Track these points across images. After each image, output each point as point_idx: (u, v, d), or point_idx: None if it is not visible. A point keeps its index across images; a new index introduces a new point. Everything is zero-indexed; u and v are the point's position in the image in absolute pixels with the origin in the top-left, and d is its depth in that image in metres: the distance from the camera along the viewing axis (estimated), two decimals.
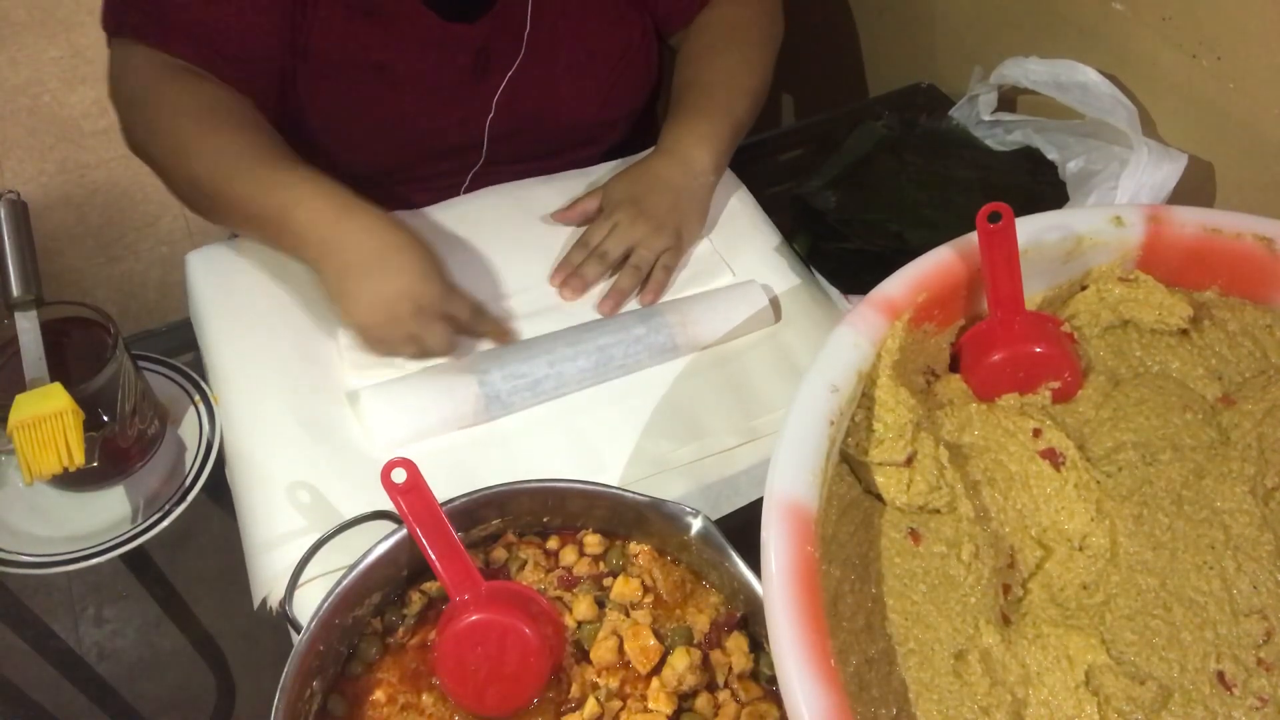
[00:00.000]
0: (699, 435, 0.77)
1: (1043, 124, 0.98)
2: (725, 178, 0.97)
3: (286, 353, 0.81)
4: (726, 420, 0.78)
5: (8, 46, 2.37)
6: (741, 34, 0.98)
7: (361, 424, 0.77)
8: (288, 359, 0.80)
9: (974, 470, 0.64)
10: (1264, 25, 0.80)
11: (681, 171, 0.89)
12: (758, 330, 0.85)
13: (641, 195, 0.88)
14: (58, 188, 2.09)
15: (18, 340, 0.70)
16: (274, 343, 0.81)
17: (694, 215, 0.90)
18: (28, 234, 0.73)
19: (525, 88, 0.93)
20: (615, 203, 0.89)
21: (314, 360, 0.80)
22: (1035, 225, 0.68)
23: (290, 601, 0.63)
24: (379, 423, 0.76)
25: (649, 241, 0.86)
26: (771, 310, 0.85)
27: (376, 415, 0.76)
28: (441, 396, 0.77)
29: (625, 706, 0.60)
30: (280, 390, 0.78)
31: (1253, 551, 0.61)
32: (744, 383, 0.81)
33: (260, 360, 0.80)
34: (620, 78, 0.98)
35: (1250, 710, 0.56)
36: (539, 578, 0.65)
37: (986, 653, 0.56)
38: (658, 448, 0.77)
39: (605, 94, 0.98)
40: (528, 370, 0.78)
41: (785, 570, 0.51)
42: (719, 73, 0.95)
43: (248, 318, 0.83)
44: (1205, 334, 0.71)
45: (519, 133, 0.96)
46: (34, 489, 0.76)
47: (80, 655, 0.71)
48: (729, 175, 0.97)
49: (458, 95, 0.92)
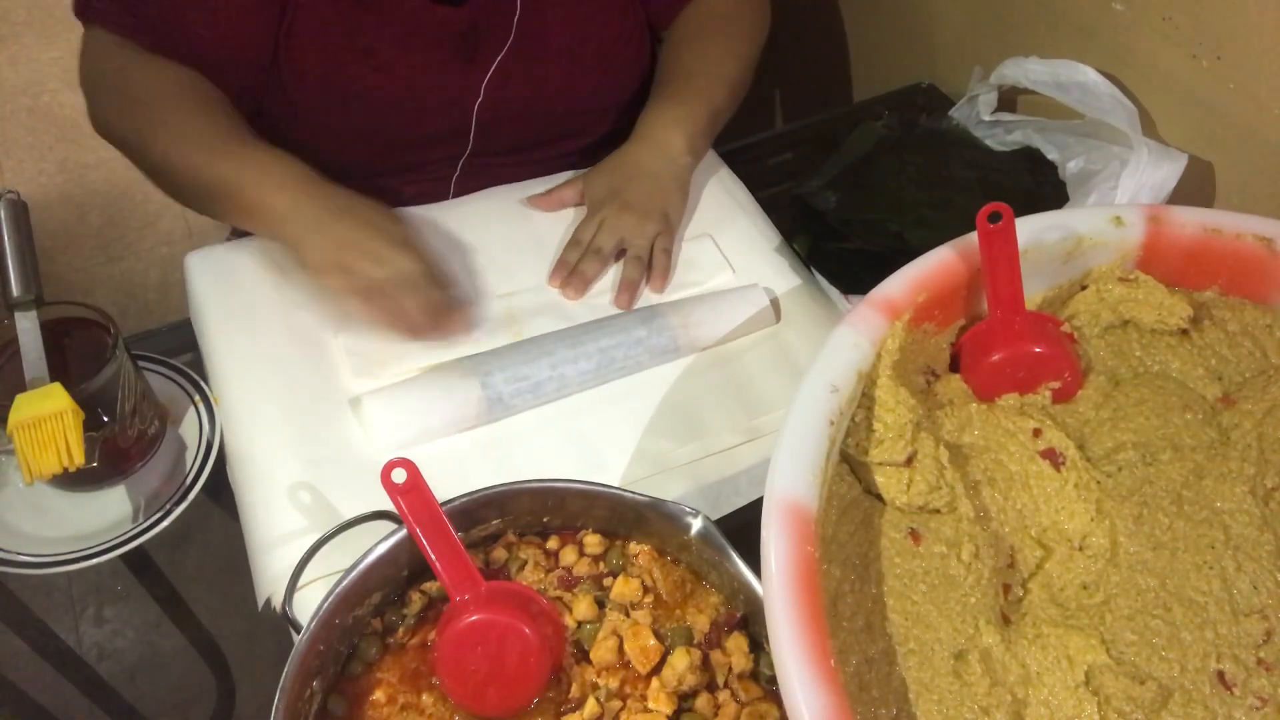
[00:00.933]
0: (699, 435, 0.77)
1: (1043, 124, 0.98)
2: (725, 178, 0.97)
3: (286, 353, 0.81)
4: (727, 420, 0.78)
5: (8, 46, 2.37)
6: (726, 25, 1.00)
7: (363, 428, 0.77)
8: (287, 360, 0.80)
9: (974, 470, 0.64)
10: (1264, 25, 0.80)
11: (657, 156, 0.91)
12: (758, 331, 0.85)
13: (621, 187, 0.90)
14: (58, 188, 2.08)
15: (18, 340, 0.70)
16: (274, 344, 0.81)
17: (675, 196, 0.91)
18: (28, 234, 0.73)
19: (514, 73, 0.93)
20: (598, 199, 0.90)
21: (314, 361, 0.80)
22: (1035, 225, 0.68)
23: (290, 601, 0.63)
24: (381, 426, 0.76)
25: (639, 229, 0.88)
26: (773, 311, 0.85)
27: (378, 419, 0.76)
28: (443, 399, 0.76)
29: (625, 706, 0.60)
30: (280, 391, 0.78)
31: (1253, 551, 0.61)
32: (744, 383, 0.81)
33: (260, 361, 0.80)
34: (610, 66, 0.98)
35: (1250, 710, 0.56)
36: (539, 578, 0.65)
37: (986, 653, 0.56)
38: (658, 447, 0.77)
39: (595, 82, 0.98)
40: (530, 372, 0.78)
41: (785, 570, 0.51)
42: (699, 60, 0.97)
43: (248, 318, 0.83)
44: (1205, 334, 0.71)
45: (507, 119, 0.96)
46: (34, 489, 0.76)
47: (80, 655, 0.71)
48: (729, 175, 0.98)
49: (445, 78, 0.92)
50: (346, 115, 0.91)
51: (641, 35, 1.00)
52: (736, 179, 0.98)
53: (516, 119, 0.96)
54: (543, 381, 0.78)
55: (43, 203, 2.04)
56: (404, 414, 0.76)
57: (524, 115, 0.97)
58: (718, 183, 0.97)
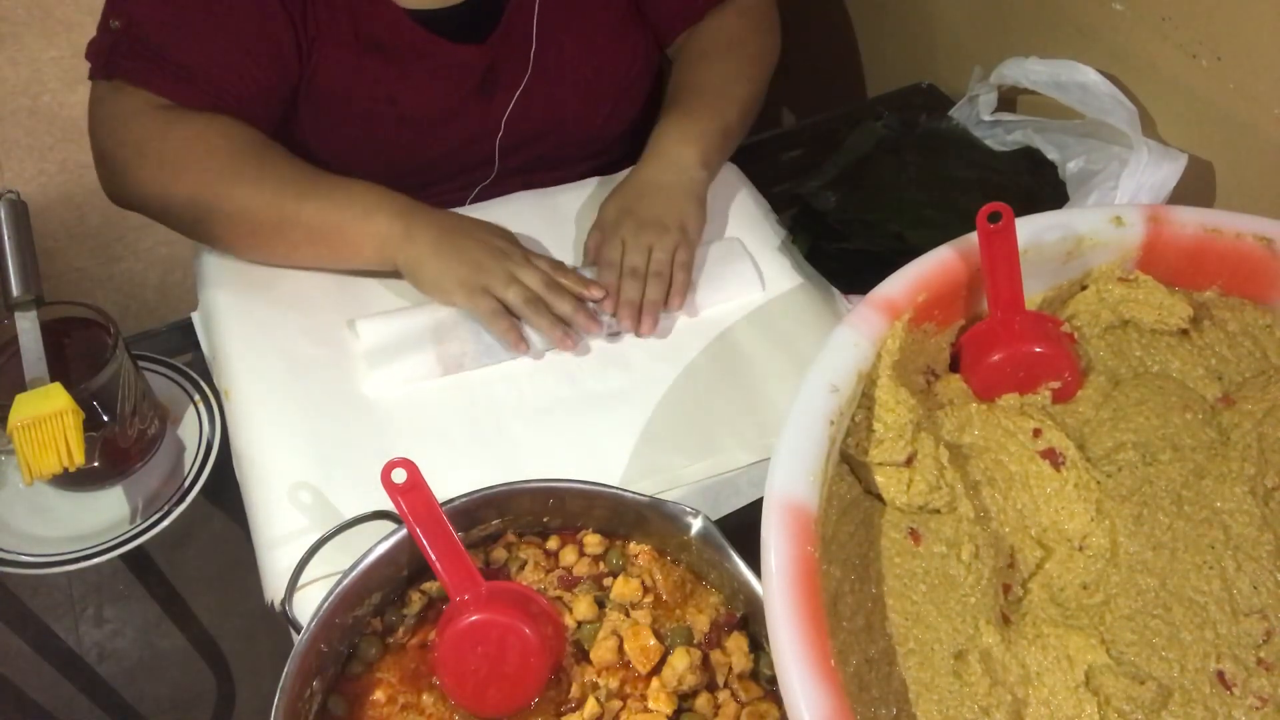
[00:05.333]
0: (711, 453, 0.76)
1: (1043, 124, 0.98)
2: (731, 176, 0.97)
3: (301, 352, 0.81)
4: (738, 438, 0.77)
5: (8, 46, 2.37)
6: (738, 46, 0.99)
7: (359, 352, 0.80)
8: (302, 358, 0.80)
9: (974, 470, 0.64)
10: (1264, 25, 0.80)
11: (669, 170, 0.90)
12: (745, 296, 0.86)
13: (633, 205, 0.88)
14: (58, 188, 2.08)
15: (18, 340, 0.70)
16: (286, 342, 0.81)
17: (691, 208, 0.89)
18: (28, 234, 0.73)
19: (534, 105, 0.94)
20: (613, 222, 0.88)
21: (326, 362, 0.80)
22: (1035, 225, 0.68)
23: (290, 601, 0.63)
24: (370, 337, 0.80)
25: (660, 245, 0.85)
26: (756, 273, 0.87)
27: (367, 333, 0.79)
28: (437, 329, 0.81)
29: (625, 706, 0.60)
30: (290, 388, 0.78)
31: (1253, 551, 0.61)
32: (752, 386, 0.80)
33: (273, 359, 0.80)
34: (625, 92, 0.99)
35: (1250, 710, 0.56)
36: (539, 578, 0.65)
37: (986, 653, 0.56)
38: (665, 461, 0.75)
39: (611, 108, 0.98)
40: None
41: (785, 570, 0.51)
42: (711, 79, 0.96)
43: (261, 316, 0.83)
44: (1205, 334, 0.71)
45: (528, 148, 0.97)
46: (34, 489, 0.76)
47: (80, 655, 0.71)
48: (735, 174, 0.97)
49: (466, 117, 0.92)
50: (370, 159, 0.92)
51: (648, 56, 1.00)
52: (743, 176, 0.97)
53: (536, 145, 0.97)
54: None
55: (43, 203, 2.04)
56: (396, 336, 0.80)
57: (543, 142, 0.98)
58: (723, 181, 0.97)
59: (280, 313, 0.83)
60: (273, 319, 0.83)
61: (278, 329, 0.82)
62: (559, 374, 0.81)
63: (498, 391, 0.80)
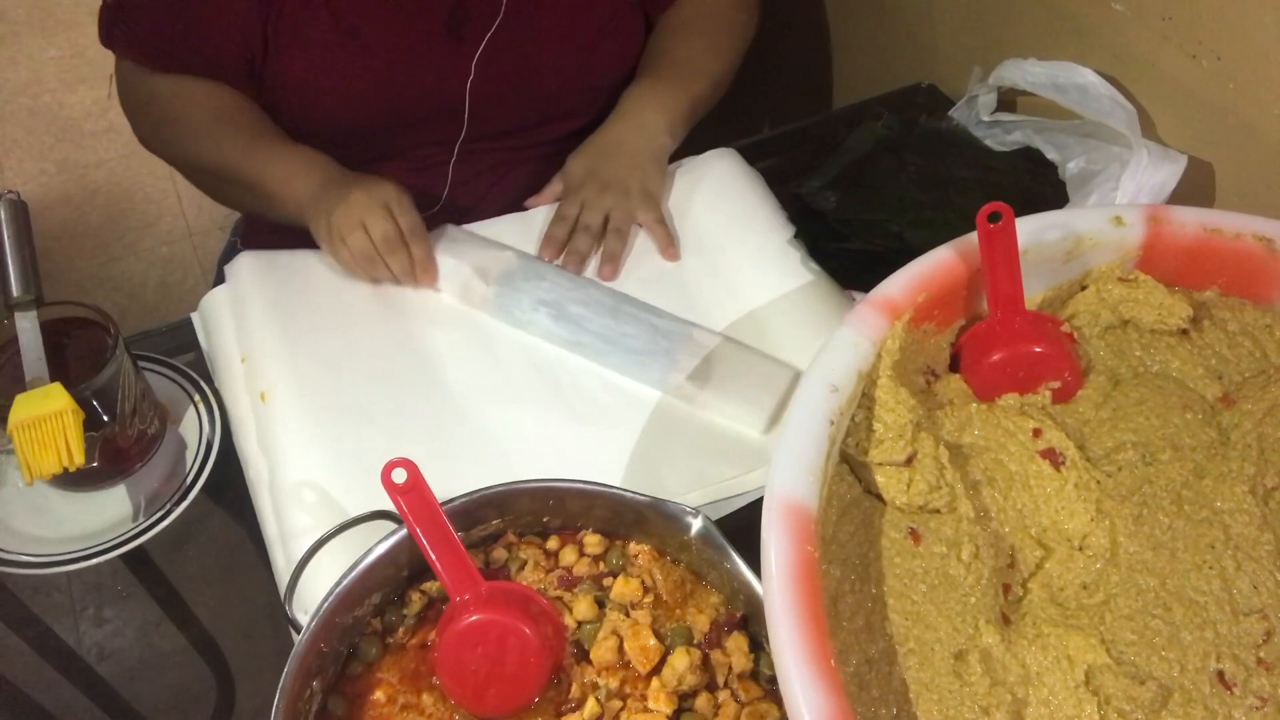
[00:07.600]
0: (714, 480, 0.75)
1: (1042, 124, 0.98)
2: (742, 171, 0.96)
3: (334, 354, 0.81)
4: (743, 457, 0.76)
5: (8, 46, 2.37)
6: (714, 20, 1.02)
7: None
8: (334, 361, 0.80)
9: (974, 470, 0.64)
10: (1264, 25, 0.80)
11: (635, 133, 0.93)
12: (744, 423, 0.78)
13: (598, 166, 0.92)
14: (58, 188, 2.08)
15: (18, 340, 0.70)
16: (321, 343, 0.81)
17: (653, 172, 0.93)
18: (28, 234, 0.73)
19: (505, 50, 0.93)
20: (577, 180, 0.93)
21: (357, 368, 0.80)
22: (1035, 225, 0.68)
23: (290, 601, 0.63)
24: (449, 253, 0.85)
25: (621, 205, 0.90)
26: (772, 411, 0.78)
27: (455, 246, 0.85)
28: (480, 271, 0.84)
29: (625, 706, 0.60)
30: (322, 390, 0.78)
31: (1253, 551, 0.61)
32: None
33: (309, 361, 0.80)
34: (601, 45, 0.98)
35: (1250, 710, 0.56)
36: (539, 578, 0.65)
37: (986, 653, 0.56)
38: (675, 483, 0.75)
39: (587, 60, 0.98)
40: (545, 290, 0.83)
41: (785, 570, 0.51)
42: (684, 50, 1.00)
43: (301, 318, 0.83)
44: (1205, 334, 0.71)
45: (500, 98, 0.96)
46: (34, 489, 0.76)
47: (80, 655, 0.71)
48: (745, 169, 0.97)
49: (433, 56, 0.92)
50: (336, 98, 0.92)
51: (635, 17, 1.01)
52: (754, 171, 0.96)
53: (509, 97, 0.97)
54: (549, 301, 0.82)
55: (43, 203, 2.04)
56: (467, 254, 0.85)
57: (517, 94, 0.97)
58: (732, 176, 0.96)
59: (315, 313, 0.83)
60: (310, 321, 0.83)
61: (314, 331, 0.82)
62: (563, 381, 0.81)
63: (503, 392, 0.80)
